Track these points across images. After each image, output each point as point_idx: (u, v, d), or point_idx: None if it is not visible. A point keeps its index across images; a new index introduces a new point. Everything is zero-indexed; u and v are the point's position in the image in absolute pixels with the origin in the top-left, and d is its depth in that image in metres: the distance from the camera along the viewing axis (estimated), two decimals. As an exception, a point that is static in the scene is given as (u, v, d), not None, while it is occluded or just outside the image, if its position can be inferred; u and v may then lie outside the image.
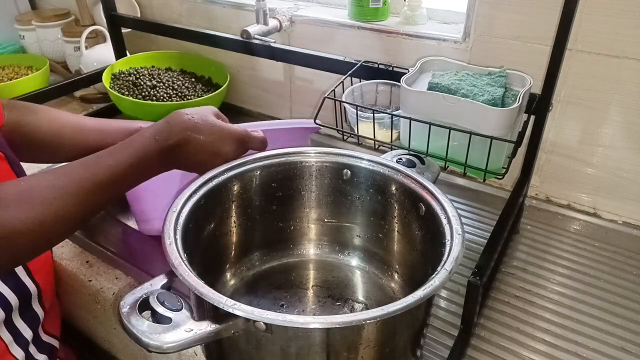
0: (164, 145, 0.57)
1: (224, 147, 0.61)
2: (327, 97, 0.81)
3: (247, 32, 0.97)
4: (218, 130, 0.60)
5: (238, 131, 0.62)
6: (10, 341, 0.67)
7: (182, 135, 0.58)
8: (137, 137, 0.57)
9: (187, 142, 0.58)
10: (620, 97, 0.80)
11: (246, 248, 0.75)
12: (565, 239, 0.85)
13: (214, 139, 0.60)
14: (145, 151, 0.56)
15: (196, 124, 0.58)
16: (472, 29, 0.88)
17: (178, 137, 0.58)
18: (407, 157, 0.72)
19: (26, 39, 1.54)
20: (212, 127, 0.60)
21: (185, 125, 0.58)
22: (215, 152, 0.61)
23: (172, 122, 0.59)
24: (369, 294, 0.73)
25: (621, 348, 0.67)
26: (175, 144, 0.57)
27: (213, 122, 0.60)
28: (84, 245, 0.84)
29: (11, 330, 0.67)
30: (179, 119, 0.59)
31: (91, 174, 0.53)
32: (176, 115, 0.60)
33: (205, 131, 0.59)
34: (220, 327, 0.48)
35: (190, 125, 0.58)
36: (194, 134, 0.58)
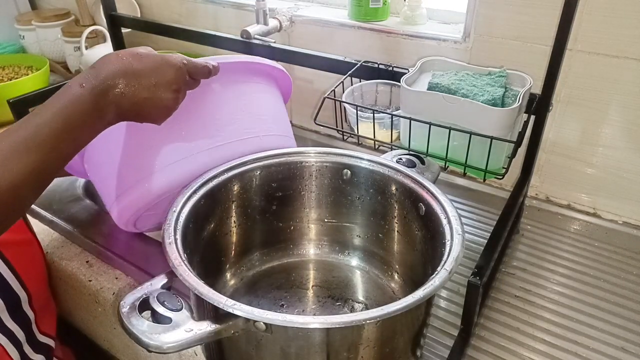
0: (94, 89, 0.51)
1: (162, 75, 0.54)
2: (327, 97, 0.81)
3: (247, 32, 0.97)
4: (151, 60, 0.54)
5: (173, 56, 0.56)
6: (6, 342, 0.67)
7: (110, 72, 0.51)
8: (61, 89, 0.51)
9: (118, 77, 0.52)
10: (620, 97, 0.80)
11: (246, 248, 0.75)
12: (565, 239, 0.85)
13: (147, 68, 0.53)
14: (73, 100, 0.50)
15: (124, 60, 0.52)
16: (472, 29, 0.88)
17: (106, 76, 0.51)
18: (407, 157, 0.72)
19: (26, 39, 1.54)
20: (143, 57, 0.53)
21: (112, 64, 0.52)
22: (154, 84, 0.53)
23: (98, 65, 0.52)
24: (369, 294, 0.73)
25: (621, 348, 0.67)
26: (105, 84, 0.51)
27: (143, 53, 0.54)
28: (84, 245, 0.84)
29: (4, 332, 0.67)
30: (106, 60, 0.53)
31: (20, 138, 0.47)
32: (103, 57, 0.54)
33: (134, 62, 0.53)
34: (220, 327, 0.48)
35: (119, 63, 0.52)
36: (123, 69, 0.52)
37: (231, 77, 0.70)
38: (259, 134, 0.72)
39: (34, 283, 0.71)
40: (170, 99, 0.56)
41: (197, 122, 0.68)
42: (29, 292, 0.70)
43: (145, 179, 0.67)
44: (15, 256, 0.67)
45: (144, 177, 0.67)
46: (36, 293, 0.71)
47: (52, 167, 0.50)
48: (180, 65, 0.56)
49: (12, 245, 0.66)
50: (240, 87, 0.73)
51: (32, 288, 0.70)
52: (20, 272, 0.68)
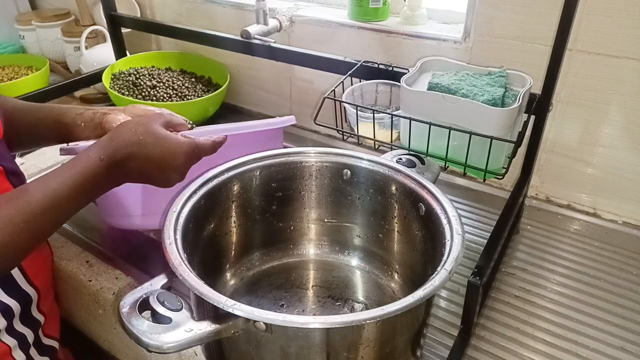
0: (109, 163, 0.55)
1: (172, 160, 0.58)
2: (327, 97, 0.81)
3: (247, 32, 0.97)
4: (164, 144, 0.57)
5: (185, 142, 0.59)
6: (14, 345, 0.67)
7: (127, 151, 0.55)
8: (82, 156, 0.55)
9: (133, 158, 0.56)
10: (620, 97, 0.80)
11: (246, 248, 0.75)
12: (565, 239, 0.85)
13: (161, 152, 0.57)
14: (91, 171, 0.54)
15: (140, 140, 0.56)
16: (472, 29, 0.88)
17: (123, 154, 0.55)
18: (407, 157, 0.72)
19: (26, 39, 1.54)
20: (158, 140, 0.57)
21: (130, 141, 0.56)
22: (164, 166, 0.58)
23: (115, 138, 0.56)
24: (369, 294, 0.73)
25: (621, 348, 0.67)
26: (120, 161, 0.55)
27: (159, 135, 0.57)
28: (84, 245, 0.84)
29: (14, 336, 0.68)
30: (123, 135, 0.57)
31: (36, 199, 0.51)
32: (120, 130, 0.57)
33: (150, 145, 0.56)
34: (220, 327, 0.48)
35: (135, 140, 0.56)
36: (138, 149, 0.56)
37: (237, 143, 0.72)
38: None
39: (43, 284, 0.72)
40: (175, 179, 0.61)
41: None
42: (39, 292, 0.70)
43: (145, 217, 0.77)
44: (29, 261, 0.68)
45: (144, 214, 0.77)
46: (44, 294, 0.72)
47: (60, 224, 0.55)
48: (191, 152, 0.60)
49: None
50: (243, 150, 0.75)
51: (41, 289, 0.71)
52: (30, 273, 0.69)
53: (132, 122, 0.58)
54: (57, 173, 0.54)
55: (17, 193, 0.52)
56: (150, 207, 0.77)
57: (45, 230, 0.54)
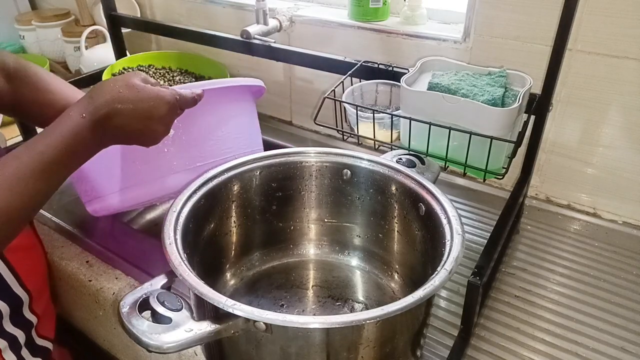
0: (92, 120, 0.54)
1: (155, 111, 0.57)
2: (327, 97, 0.81)
3: (247, 32, 0.97)
4: (146, 96, 0.56)
5: (167, 92, 0.59)
6: (4, 347, 0.66)
7: (109, 107, 0.54)
8: (63, 117, 0.54)
9: (116, 114, 0.55)
10: (620, 97, 0.80)
11: (246, 248, 0.76)
12: (565, 239, 0.85)
13: (143, 104, 0.56)
14: (75, 130, 0.53)
15: (120, 93, 0.55)
16: (472, 29, 0.88)
17: (105, 110, 0.54)
18: (407, 157, 0.72)
19: (26, 39, 1.54)
20: (139, 92, 0.56)
21: (111, 96, 0.55)
22: (147, 118, 0.57)
23: (95, 95, 0.55)
24: (369, 294, 0.73)
25: (621, 348, 0.67)
26: (103, 118, 0.54)
27: (139, 88, 0.57)
28: (84, 245, 0.84)
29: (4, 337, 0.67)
30: (103, 91, 0.55)
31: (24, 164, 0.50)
32: (100, 87, 0.56)
33: (132, 98, 0.55)
34: (220, 327, 0.48)
35: (115, 95, 0.55)
36: (120, 104, 0.55)
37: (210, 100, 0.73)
38: (235, 152, 0.78)
39: (36, 286, 0.71)
40: (161, 131, 0.60)
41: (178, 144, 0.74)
42: (31, 294, 0.70)
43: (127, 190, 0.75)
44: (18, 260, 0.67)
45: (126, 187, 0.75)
46: (37, 296, 0.71)
47: (52, 189, 0.54)
48: (173, 101, 0.59)
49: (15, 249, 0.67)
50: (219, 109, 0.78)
51: (33, 291, 0.70)
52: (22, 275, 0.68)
53: (111, 80, 0.57)
54: (41, 137, 0.53)
55: (3, 160, 0.51)
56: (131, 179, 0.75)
57: (38, 196, 0.52)
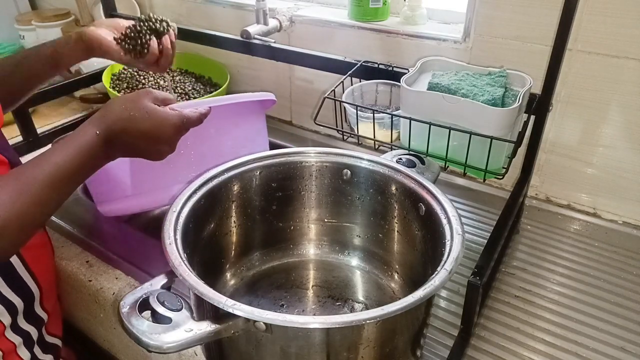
0: (104, 137, 0.58)
1: (162, 132, 0.61)
2: (327, 97, 0.81)
3: (247, 32, 0.97)
4: (154, 117, 0.60)
5: (173, 115, 0.62)
6: (19, 343, 0.68)
7: (119, 125, 0.58)
8: (79, 132, 0.58)
9: (126, 133, 0.59)
10: (620, 97, 0.80)
11: (246, 248, 0.76)
12: (565, 239, 0.85)
13: (151, 126, 0.60)
14: (89, 145, 0.57)
15: (131, 115, 0.59)
16: (472, 29, 0.88)
17: (116, 128, 0.58)
18: (407, 157, 0.72)
19: (26, 39, 1.54)
20: (147, 114, 0.60)
21: (121, 117, 0.59)
22: (154, 139, 0.61)
23: (108, 114, 0.59)
24: (369, 294, 0.73)
25: (621, 348, 0.67)
26: (114, 135, 0.58)
27: (148, 109, 0.60)
28: (84, 245, 0.84)
29: (19, 333, 0.68)
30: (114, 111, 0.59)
31: (42, 174, 0.53)
32: (112, 106, 0.60)
33: (140, 120, 0.59)
34: (220, 327, 0.48)
35: (126, 116, 0.59)
36: (130, 124, 0.59)
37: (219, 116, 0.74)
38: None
39: (46, 283, 0.73)
40: (167, 151, 0.63)
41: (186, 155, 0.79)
42: (42, 290, 0.71)
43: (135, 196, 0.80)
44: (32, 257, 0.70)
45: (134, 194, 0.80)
46: (47, 292, 0.73)
47: (63, 198, 0.57)
48: (180, 124, 0.62)
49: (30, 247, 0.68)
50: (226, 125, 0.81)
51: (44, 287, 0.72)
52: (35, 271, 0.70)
53: (122, 99, 0.61)
54: (57, 149, 0.56)
55: (22, 170, 0.53)
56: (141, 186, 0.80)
57: (51, 206, 0.55)
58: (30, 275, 0.69)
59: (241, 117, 0.82)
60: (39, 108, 1.25)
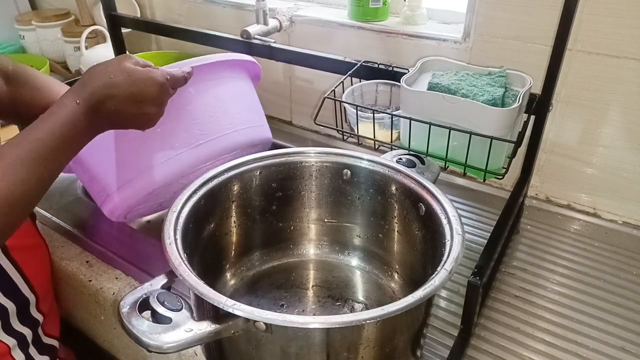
0: (86, 106, 0.55)
1: (147, 93, 0.58)
2: (327, 97, 0.81)
3: (247, 32, 0.97)
4: (137, 78, 0.58)
5: (157, 73, 0.60)
6: (14, 345, 0.67)
7: (101, 92, 0.56)
8: (58, 104, 0.55)
9: (108, 98, 0.56)
10: (620, 97, 0.80)
11: (246, 248, 0.76)
12: (565, 239, 0.85)
13: (134, 87, 0.57)
14: (70, 116, 0.54)
15: (111, 78, 0.56)
16: (472, 29, 0.88)
17: (98, 96, 0.56)
18: (407, 157, 0.72)
19: (26, 39, 1.54)
20: (130, 75, 0.57)
21: (102, 82, 0.56)
22: (140, 100, 0.58)
23: (88, 81, 0.57)
24: (369, 294, 0.73)
25: (621, 348, 0.67)
26: (96, 103, 0.56)
27: (130, 71, 0.58)
28: (84, 245, 0.84)
29: (13, 335, 0.67)
30: (95, 77, 0.57)
31: (24, 151, 0.51)
32: (92, 72, 0.58)
33: (123, 82, 0.57)
34: (220, 327, 0.48)
35: (107, 80, 0.56)
36: (112, 89, 0.56)
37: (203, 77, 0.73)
38: (236, 128, 0.78)
39: (42, 286, 0.72)
40: (154, 113, 0.61)
41: (177, 124, 0.74)
42: (37, 295, 0.70)
43: (135, 179, 0.74)
44: (25, 260, 0.68)
45: (134, 177, 0.74)
46: (43, 296, 0.72)
47: (51, 176, 0.55)
48: (163, 81, 0.60)
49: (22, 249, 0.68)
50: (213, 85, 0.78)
51: (40, 291, 0.71)
52: (29, 275, 0.69)
53: (102, 65, 0.58)
54: (38, 124, 0.53)
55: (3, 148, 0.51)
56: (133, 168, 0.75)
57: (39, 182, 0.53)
58: (24, 280, 0.68)
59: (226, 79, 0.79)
60: (39, 108, 1.25)
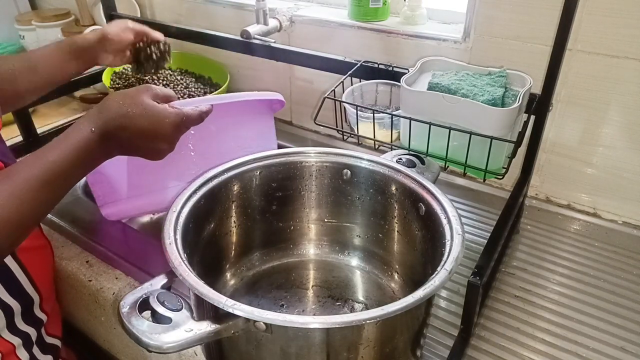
0: (100, 134, 0.56)
1: (161, 130, 0.59)
2: (327, 97, 0.81)
3: (247, 32, 0.97)
4: (152, 115, 0.58)
5: (172, 112, 0.60)
6: (19, 344, 0.67)
7: (116, 122, 0.56)
8: (74, 129, 0.56)
9: (123, 129, 0.57)
10: (620, 97, 0.80)
11: (246, 248, 0.76)
12: (565, 239, 0.85)
13: (148, 123, 0.58)
14: (84, 142, 0.55)
15: (128, 112, 0.57)
16: (472, 29, 0.88)
17: (113, 125, 0.56)
18: (407, 157, 0.72)
19: (26, 39, 1.54)
20: (145, 111, 0.58)
21: (118, 113, 0.57)
22: (153, 137, 0.59)
23: (105, 110, 0.57)
24: (369, 294, 0.73)
25: (621, 348, 0.67)
26: (111, 132, 0.56)
27: (146, 106, 0.58)
28: (84, 245, 0.84)
29: (18, 334, 0.68)
30: (111, 107, 0.57)
31: (36, 173, 0.52)
32: (109, 102, 0.58)
33: (138, 116, 0.57)
34: (220, 327, 0.48)
35: (123, 112, 0.57)
36: (127, 121, 0.57)
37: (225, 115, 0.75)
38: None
39: (45, 286, 0.72)
40: (166, 149, 0.62)
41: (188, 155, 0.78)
42: (41, 295, 0.71)
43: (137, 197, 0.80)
44: (31, 261, 0.69)
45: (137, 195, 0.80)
46: (47, 296, 0.72)
47: (59, 198, 0.56)
48: (179, 122, 0.61)
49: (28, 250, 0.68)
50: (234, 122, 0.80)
51: (43, 291, 0.71)
52: (33, 275, 0.69)
53: (120, 95, 0.59)
54: (52, 147, 0.54)
55: (15, 168, 0.52)
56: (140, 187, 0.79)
57: (46, 205, 0.54)
58: (29, 280, 0.68)
59: (246, 116, 0.80)
60: (38, 108, 1.25)
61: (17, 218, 0.50)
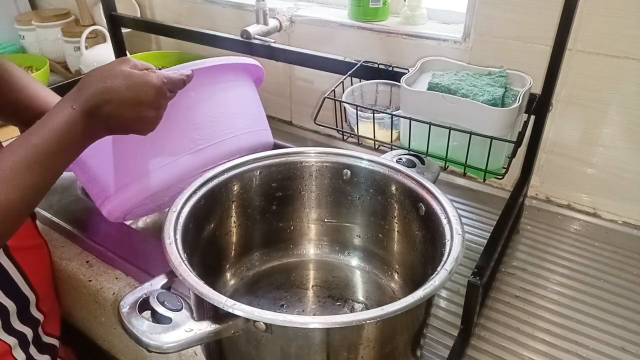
0: (82, 111, 0.54)
1: (144, 97, 0.57)
2: (327, 97, 0.81)
3: (247, 32, 0.97)
4: (133, 82, 0.57)
5: (153, 76, 0.59)
6: (15, 344, 0.67)
7: (97, 97, 0.55)
8: (54, 110, 0.54)
9: (105, 103, 0.55)
10: (620, 97, 0.80)
11: (246, 248, 0.76)
12: (565, 239, 0.85)
13: (130, 91, 0.56)
14: (66, 122, 0.54)
15: (107, 83, 0.56)
16: (472, 29, 0.88)
17: (94, 101, 0.55)
18: (407, 157, 0.72)
19: (26, 39, 1.54)
20: (126, 79, 0.57)
21: (98, 87, 0.55)
22: (136, 104, 0.57)
23: (84, 86, 0.56)
24: (369, 294, 0.73)
25: (621, 348, 0.67)
26: (93, 108, 0.55)
27: (126, 74, 0.57)
28: (84, 245, 0.84)
29: (14, 334, 0.68)
30: (91, 82, 0.56)
31: (20, 157, 0.51)
32: (88, 77, 0.57)
33: (118, 86, 0.56)
34: (220, 327, 0.48)
35: (103, 85, 0.56)
36: (108, 93, 0.55)
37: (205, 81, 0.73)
38: (237, 132, 0.77)
39: (42, 286, 0.72)
40: (153, 117, 0.60)
41: (177, 128, 0.73)
42: (37, 294, 0.70)
43: (134, 182, 0.74)
44: (26, 260, 0.68)
45: (133, 180, 0.74)
46: (44, 295, 0.72)
47: (49, 182, 0.55)
48: (160, 85, 0.59)
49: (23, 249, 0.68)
50: (214, 89, 0.77)
51: (40, 290, 0.71)
52: (29, 275, 0.69)
53: (98, 70, 0.58)
54: (34, 130, 0.53)
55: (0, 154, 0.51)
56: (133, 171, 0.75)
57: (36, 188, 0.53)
58: (24, 280, 0.68)
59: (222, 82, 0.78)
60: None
61: (6, 204, 0.49)
